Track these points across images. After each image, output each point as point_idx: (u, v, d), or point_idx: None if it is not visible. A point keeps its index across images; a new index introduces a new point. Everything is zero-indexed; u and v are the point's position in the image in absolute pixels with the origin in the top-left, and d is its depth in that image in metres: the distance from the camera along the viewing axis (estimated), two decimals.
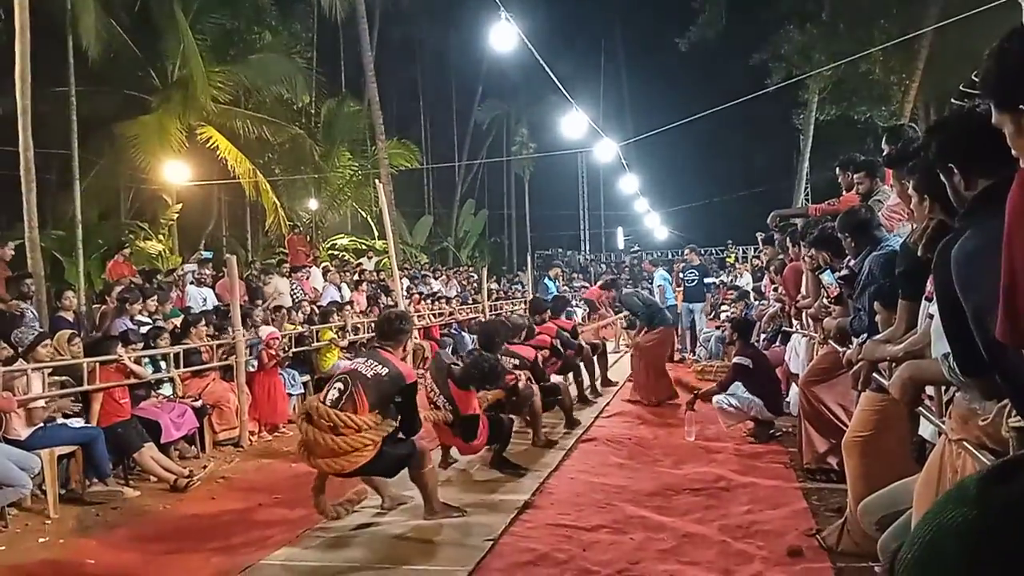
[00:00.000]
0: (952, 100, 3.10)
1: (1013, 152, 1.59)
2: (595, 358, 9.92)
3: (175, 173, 15.74)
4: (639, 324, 10.03)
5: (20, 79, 9.52)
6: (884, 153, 4.82)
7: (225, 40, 17.61)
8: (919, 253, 2.69)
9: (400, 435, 4.75)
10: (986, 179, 1.88)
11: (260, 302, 10.67)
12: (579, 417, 8.05)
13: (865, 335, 3.82)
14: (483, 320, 9.98)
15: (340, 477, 4.74)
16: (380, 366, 4.62)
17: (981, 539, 0.63)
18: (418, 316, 13.47)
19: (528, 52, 11.30)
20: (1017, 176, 1.42)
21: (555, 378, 8.26)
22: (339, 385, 4.60)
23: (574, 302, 18.14)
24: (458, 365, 5.84)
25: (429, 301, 14.99)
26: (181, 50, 15.89)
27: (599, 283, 11.10)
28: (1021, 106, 1.52)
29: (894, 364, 3.06)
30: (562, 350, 8.61)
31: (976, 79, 2.69)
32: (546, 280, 16.87)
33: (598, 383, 9.96)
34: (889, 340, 3.15)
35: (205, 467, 6.88)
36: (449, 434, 5.80)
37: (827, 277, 4.85)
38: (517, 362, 7.05)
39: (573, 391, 8.69)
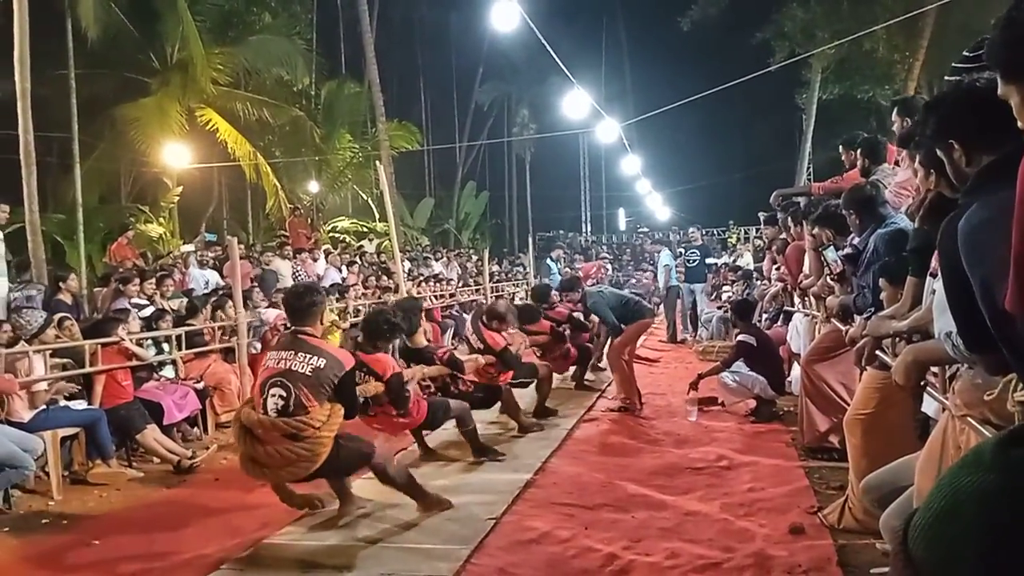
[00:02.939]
0: (945, 77, 3.05)
1: (1019, 123, 1.57)
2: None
3: (175, 156, 15.69)
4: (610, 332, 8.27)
5: (19, 62, 9.50)
6: (895, 126, 4.75)
7: (224, 21, 17.53)
8: (916, 223, 2.67)
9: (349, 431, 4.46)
10: (989, 154, 1.85)
11: (258, 292, 10.57)
12: (570, 401, 8.03)
13: (869, 312, 3.80)
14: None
15: (299, 482, 4.46)
16: (315, 357, 4.21)
17: (999, 501, 0.62)
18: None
19: (529, 32, 11.24)
20: None
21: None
22: (279, 392, 4.16)
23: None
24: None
25: (430, 283, 14.99)
26: (180, 32, 15.83)
27: (556, 288, 9.57)
28: None
29: (898, 340, 3.06)
30: (565, 335, 8.41)
31: (969, 55, 2.66)
32: (548, 261, 16.83)
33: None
34: (894, 317, 3.14)
35: (208, 448, 6.89)
36: (390, 419, 5.41)
37: (831, 254, 4.83)
38: (482, 347, 6.66)
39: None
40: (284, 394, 4.14)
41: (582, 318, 8.87)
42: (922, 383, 2.76)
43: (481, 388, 6.46)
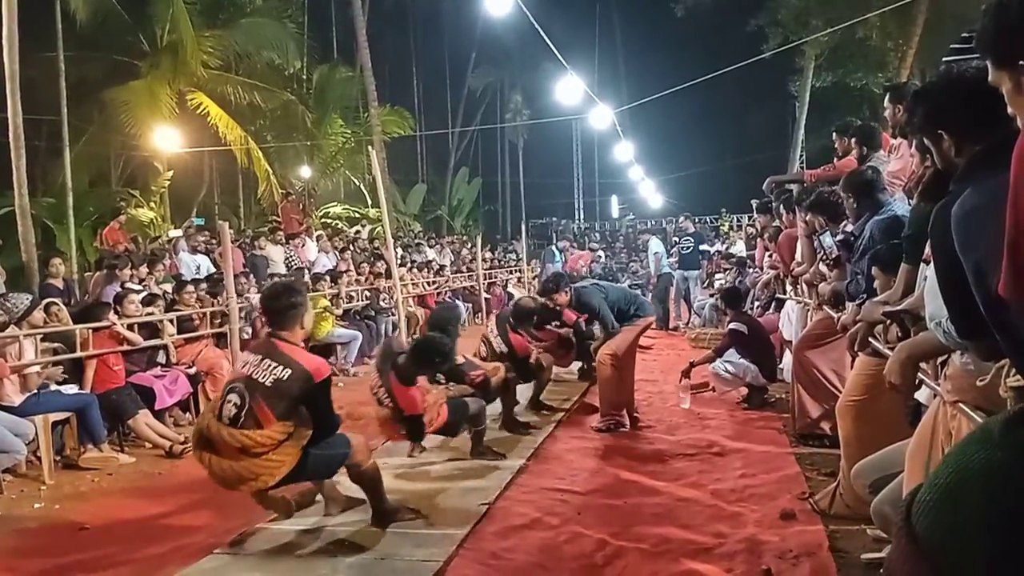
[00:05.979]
0: (943, 59, 3.03)
1: (1009, 111, 1.56)
2: None
3: (166, 140, 15.57)
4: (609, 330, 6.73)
5: (8, 44, 9.41)
6: (887, 112, 4.74)
7: (215, 4, 17.36)
8: (914, 201, 2.67)
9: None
10: (978, 144, 1.85)
11: (251, 277, 10.53)
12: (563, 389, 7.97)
13: (862, 298, 3.81)
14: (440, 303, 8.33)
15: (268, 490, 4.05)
16: (280, 367, 3.75)
17: (1005, 479, 0.63)
18: (412, 284, 13.47)
19: (522, 16, 11.17)
20: None
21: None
22: (234, 399, 3.77)
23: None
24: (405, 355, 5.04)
25: (423, 270, 14.98)
26: (170, 14, 15.69)
27: (539, 291, 8.05)
28: (1021, 62, 1.49)
29: (889, 324, 3.06)
30: (572, 342, 7.91)
31: (966, 37, 2.65)
32: (553, 248, 16.79)
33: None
34: (887, 302, 3.15)
35: None
36: (395, 431, 5.16)
37: (827, 239, 4.83)
38: (506, 350, 6.51)
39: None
40: (238, 402, 3.76)
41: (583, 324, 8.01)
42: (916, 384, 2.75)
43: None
